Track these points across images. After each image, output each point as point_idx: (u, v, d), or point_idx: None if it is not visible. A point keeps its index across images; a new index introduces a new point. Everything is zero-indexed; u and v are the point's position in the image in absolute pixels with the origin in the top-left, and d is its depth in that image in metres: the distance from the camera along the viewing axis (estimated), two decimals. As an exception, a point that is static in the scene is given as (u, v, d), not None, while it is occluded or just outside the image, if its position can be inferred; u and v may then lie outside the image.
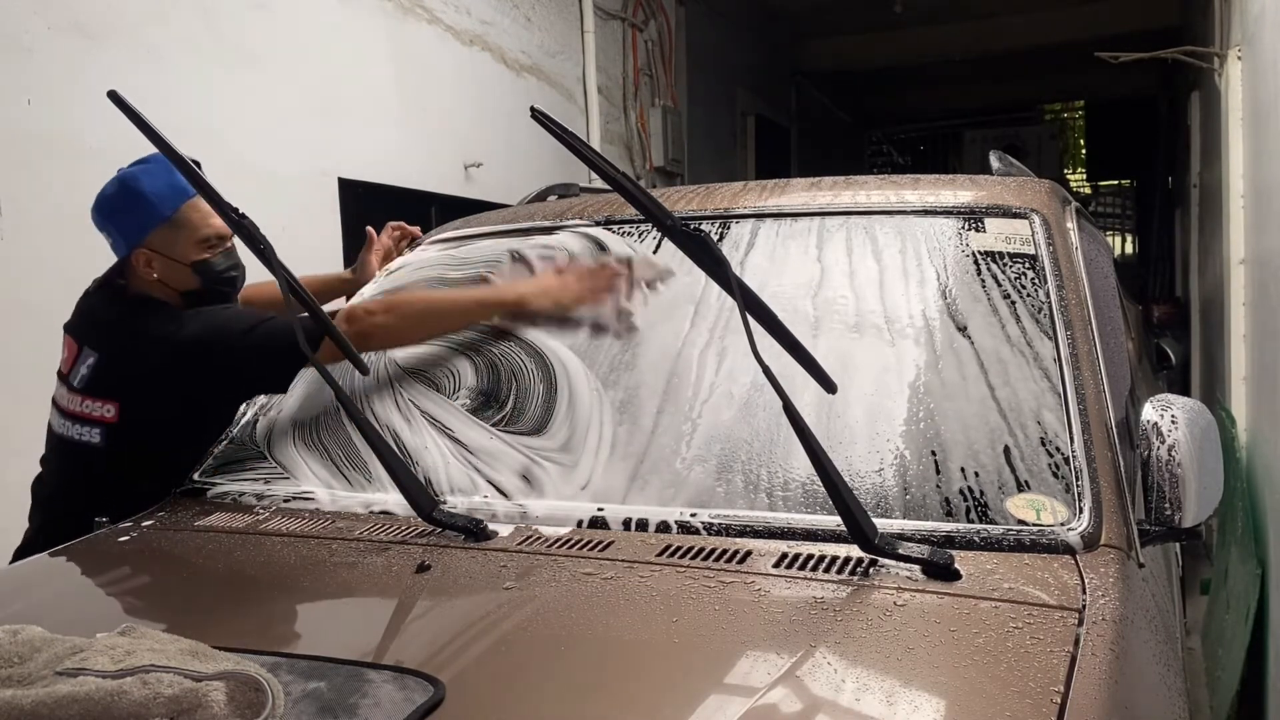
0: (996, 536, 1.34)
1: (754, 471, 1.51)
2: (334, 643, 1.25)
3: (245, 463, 1.86)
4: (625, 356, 1.77)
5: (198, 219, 1.97)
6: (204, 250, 1.99)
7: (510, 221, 2.27)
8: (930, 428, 1.51)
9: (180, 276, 1.99)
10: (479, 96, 5.01)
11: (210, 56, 3.42)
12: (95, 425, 1.96)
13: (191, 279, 1.99)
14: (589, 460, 1.61)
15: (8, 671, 1.02)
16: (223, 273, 2.02)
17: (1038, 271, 1.72)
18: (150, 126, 1.59)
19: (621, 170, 1.49)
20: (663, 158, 6.77)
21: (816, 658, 1.10)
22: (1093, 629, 1.14)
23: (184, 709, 0.96)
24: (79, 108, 2.88)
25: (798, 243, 1.89)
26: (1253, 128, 3.62)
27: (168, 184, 1.95)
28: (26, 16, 2.81)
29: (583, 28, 5.92)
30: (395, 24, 4.40)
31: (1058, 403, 1.51)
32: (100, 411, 1.95)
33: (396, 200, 4.25)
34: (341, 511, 1.65)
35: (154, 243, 1.96)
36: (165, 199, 1.95)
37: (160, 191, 1.94)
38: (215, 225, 1.98)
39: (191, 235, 1.97)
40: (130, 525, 1.73)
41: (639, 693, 1.08)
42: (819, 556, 1.34)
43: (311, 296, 1.74)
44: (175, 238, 1.96)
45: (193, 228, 1.97)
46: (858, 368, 1.62)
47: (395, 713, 1.01)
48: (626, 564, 1.35)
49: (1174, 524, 1.44)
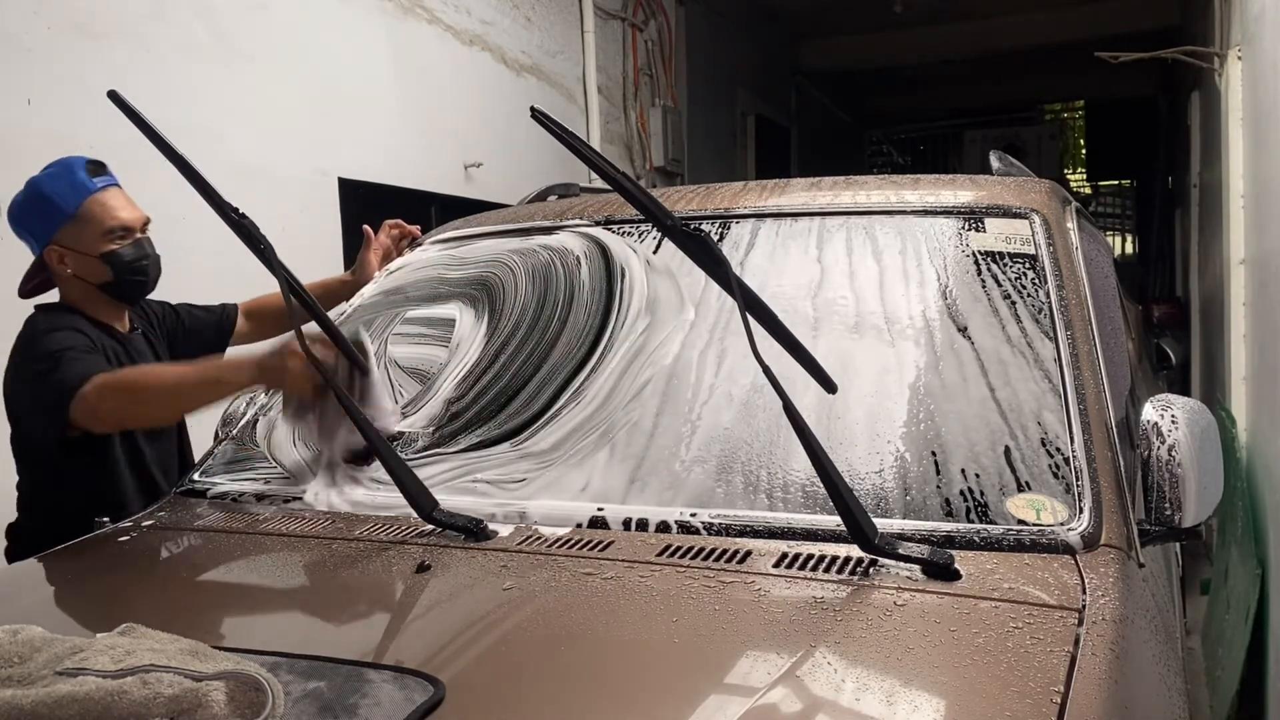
0: (996, 536, 1.34)
1: (754, 471, 1.51)
2: (334, 643, 1.25)
3: (245, 463, 1.86)
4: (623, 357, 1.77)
5: (100, 212, 2.05)
6: (110, 242, 2.06)
7: (510, 221, 2.27)
8: (930, 427, 1.51)
9: (92, 269, 2.07)
10: (479, 96, 5.01)
11: (210, 56, 3.42)
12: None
13: (104, 270, 2.07)
14: (589, 460, 1.60)
15: (8, 671, 1.02)
16: (132, 262, 2.09)
17: (1038, 271, 1.72)
18: (150, 126, 1.59)
19: (621, 170, 1.49)
20: (663, 158, 6.77)
21: (816, 658, 1.10)
22: (1093, 629, 1.14)
23: (184, 709, 0.96)
24: (79, 108, 2.88)
25: (798, 243, 1.89)
26: (1253, 128, 3.62)
27: (69, 183, 2.04)
28: (26, 16, 2.81)
29: (583, 28, 5.92)
30: (395, 24, 4.40)
31: (1058, 403, 1.51)
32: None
33: (396, 200, 4.25)
34: (341, 511, 1.65)
35: (63, 239, 2.06)
36: (67, 197, 2.03)
37: (62, 191, 2.04)
38: (120, 218, 2.07)
39: (96, 229, 2.05)
40: (130, 525, 1.73)
41: (639, 693, 1.08)
42: (819, 556, 1.34)
43: (311, 296, 1.74)
44: (81, 233, 2.05)
45: (97, 221, 2.05)
46: (858, 368, 1.62)
47: (395, 713, 1.01)
48: (626, 564, 1.35)
49: (1174, 524, 1.44)
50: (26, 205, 2.07)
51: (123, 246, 2.08)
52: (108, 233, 2.06)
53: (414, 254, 2.33)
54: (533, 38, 5.49)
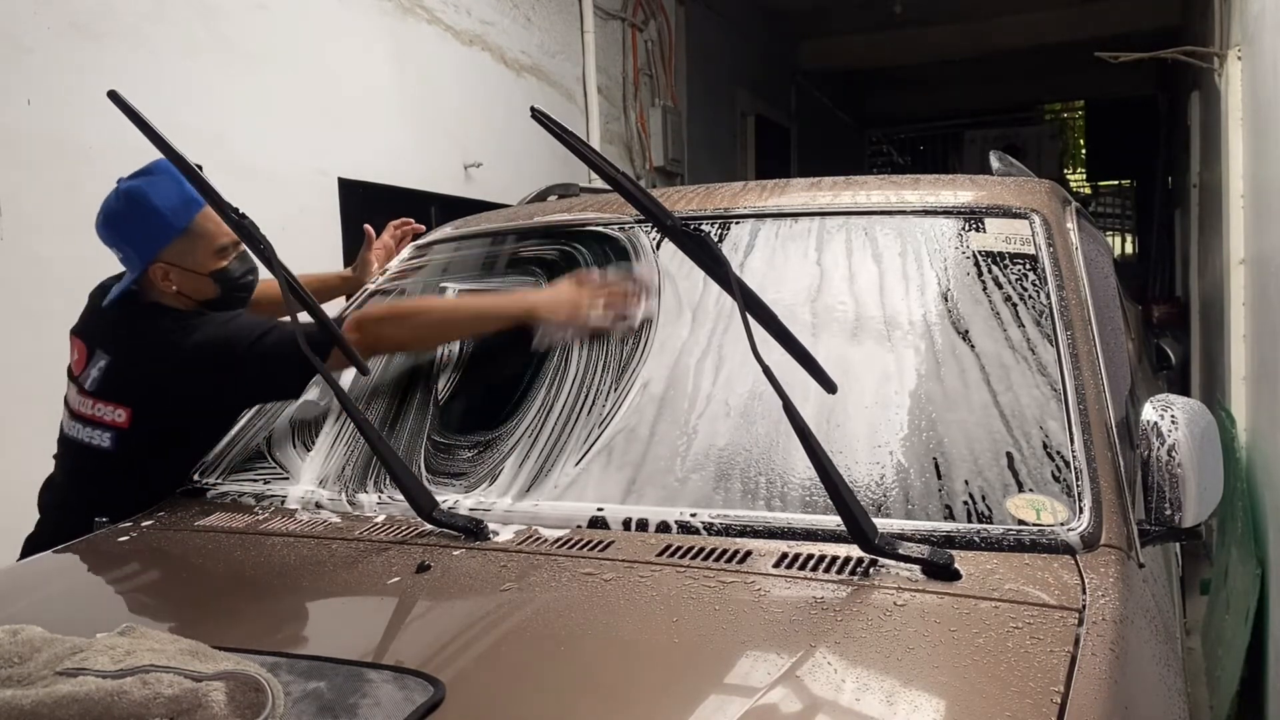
0: (996, 536, 1.34)
1: (754, 471, 1.51)
2: (334, 643, 1.25)
3: (245, 463, 1.86)
4: (624, 358, 1.77)
5: (213, 228, 1.93)
6: (221, 259, 1.96)
7: (510, 221, 2.26)
8: (930, 428, 1.51)
9: (199, 286, 1.96)
10: (479, 96, 5.01)
11: (210, 56, 3.42)
12: (106, 429, 1.93)
13: (211, 288, 1.97)
14: (587, 461, 1.60)
15: (8, 671, 1.01)
16: (240, 278, 2.00)
17: (1038, 272, 1.72)
18: (150, 126, 1.59)
19: (621, 170, 1.49)
20: (663, 158, 6.76)
21: (816, 658, 1.10)
22: (1093, 629, 1.14)
23: (184, 709, 0.96)
24: (79, 108, 2.88)
25: (798, 243, 1.88)
26: (1253, 128, 3.62)
27: (179, 196, 1.91)
28: (26, 16, 2.81)
29: (583, 28, 5.92)
30: (395, 24, 4.40)
31: (1058, 403, 1.51)
32: (112, 416, 1.93)
33: (396, 200, 4.24)
34: (341, 511, 1.65)
35: (170, 256, 1.92)
36: (179, 212, 1.91)
37: (173, 205, 1.90)
38: (230, 232, 1.92)
39: (209, 245, 1.94)
40: (130, 525, 1.73)
41: (639, 693, 1.08)
42: (819, 556, 1.34)
43: (311, 296, 1.74)
44: (192, 249, 1.92)
45: (209, 238, 1.93)
46: (857, 367, 1.62)
47: (395, 713, 1.01)
48: (626, 564, 1.35)
49: (1174, 524, 1.44)
50: (129, 217, 1.91)
51: (231, 262, 1.97)
52: (220, 250, 1.94)
53: (414, 254, 2.32)
54: (533, 38, 5.49)
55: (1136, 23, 8.43)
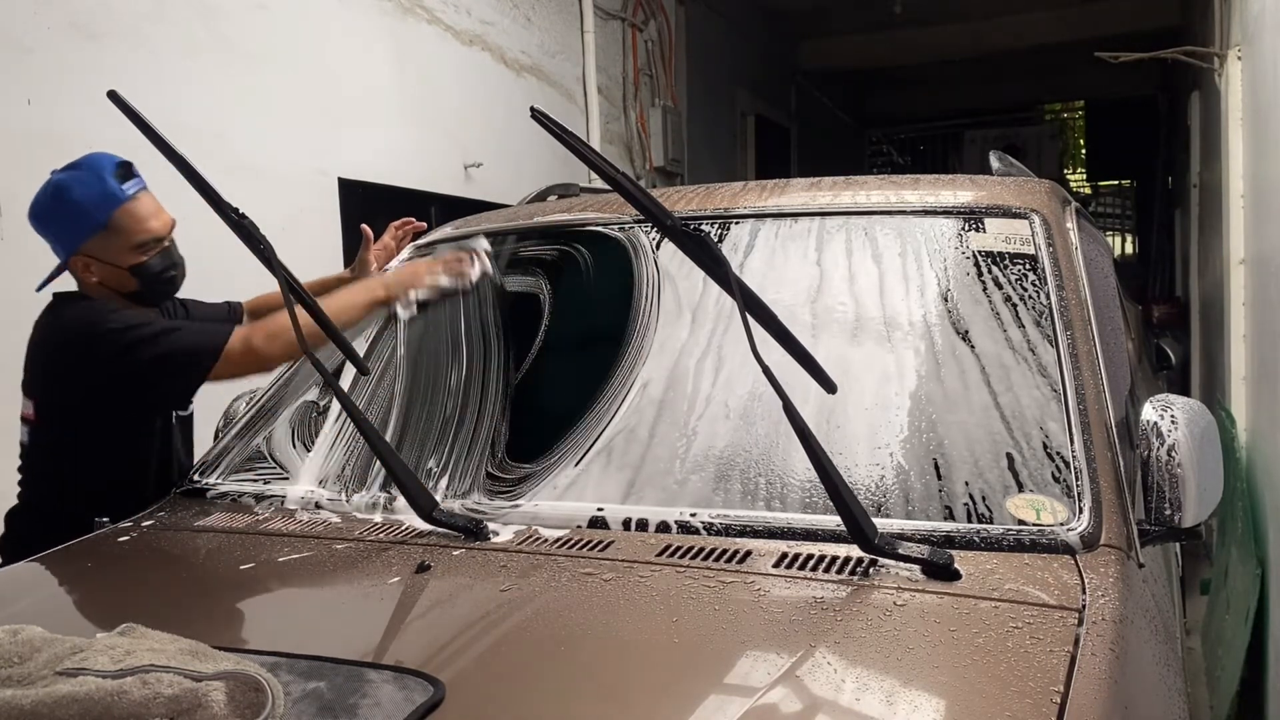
0: (996, 536, 1.34)
1: (754, 472, 1.51)
2: (334, 643, 1.25)
3: (245, 463, 1.86)
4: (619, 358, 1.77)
5: (131, 224, 1.96)
6: (140, 254, 1.99)
7: (510, 221, 2.26)
8: (930, 428, 1.51)
9: (119, 279, 2.00)
10: (479, 96, 5.01)
11: (210, 56, 3.42)
12: (26, 424, 2.01)
13: (130, 281, 2.01)
14: (588, 460, 1.60)
15: (8, 671, 1.01)
16: (160, 273, 2.03)
17: (1038, 272, 1.72)
18: (150, 126, 1.59)
19: (621, 170, 1.49)
20: (663, 158, 6.76)
21: (816, 658, 1.10)
22: (1093, 629, 1.14)
23: (184, 709, 0.96)
24: (79, 108, 2.88)
25: (797, 243, 1.88)
26: (1253, 128, 3.62)
27: (100, 191, 1.94)
28: (26, 16, 2.81)
29: (583, 28, 5.92)
30: (395, 24, 4.40)
31: (1058, 403, 1.51)
32: (28, 409, 2.00)
33: (396, 200, 4.24)
34: (341, 511, 1.65)
35: (90, 249, 1.97)
36: (98, 206, 1.94)
37: (93, 199, 1.94)
38: (150, 229, 1.99)
39: (126, 241, 1.97)
40: (130, 525, 1.73)
41: (639, 693, 1.08)
42: (819, 556, 1.34)
43: (311, 296, 1.74)
44: (111, 243, 1.97)
45: (127, 234, 1.96)
46: (857, 368, 1.62)
47: (395, 713, 1.01)
48: (626, 564, 1.35)
49: (1174, 524, 1.44)
50: (53, 209, 1.97)
51: (151, 258, 2.00)
52: (138, 245, 1.98)
53: (413, 254, 2.33)
54: (533, 38, 5.49)
55: (1136, 23, 8.43)
